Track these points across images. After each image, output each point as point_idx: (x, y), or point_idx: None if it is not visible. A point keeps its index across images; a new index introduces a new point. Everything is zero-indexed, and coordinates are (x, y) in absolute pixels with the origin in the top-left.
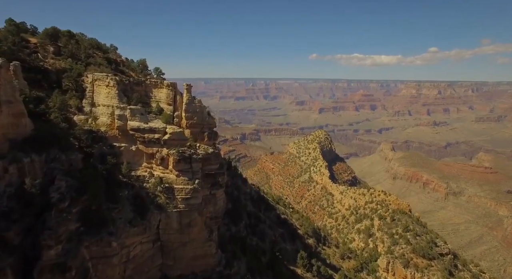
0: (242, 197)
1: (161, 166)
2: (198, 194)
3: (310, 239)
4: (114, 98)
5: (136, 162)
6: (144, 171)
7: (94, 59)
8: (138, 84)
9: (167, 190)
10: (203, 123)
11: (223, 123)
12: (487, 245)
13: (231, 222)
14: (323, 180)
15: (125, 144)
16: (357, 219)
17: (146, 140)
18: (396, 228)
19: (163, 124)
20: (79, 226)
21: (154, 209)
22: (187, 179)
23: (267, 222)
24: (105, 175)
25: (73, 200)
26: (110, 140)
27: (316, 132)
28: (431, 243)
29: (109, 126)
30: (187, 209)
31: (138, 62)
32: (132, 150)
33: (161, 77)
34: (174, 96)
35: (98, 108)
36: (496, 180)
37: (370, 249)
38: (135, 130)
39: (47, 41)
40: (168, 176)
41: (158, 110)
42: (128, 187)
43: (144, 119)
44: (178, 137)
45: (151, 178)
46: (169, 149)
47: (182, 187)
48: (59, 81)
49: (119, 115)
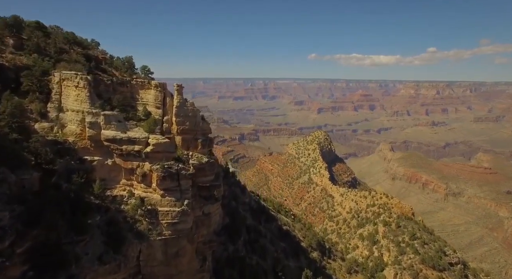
0: (241, 208)
1: (143, 183)
2: (187, 217)
3: (314, 252)
4: (85, 102)
5: (112, 178)
6: (122, 189)
7: (69, 56)
8: (122, 85)
9: (149, 213)
10: (196, 129)
11: (221, 123)
12: (487, 247)
13: (228, 239)
14: (323, 182)
15: (99, 157)
16: (359, 224)
17: (124, 152)
18: (403, 235)
19: (145, 133)
20: (26, 269)
21: (133, 238)
22: (175, 199)
23: (268, 236)
24: (71, 196)
25: (19, 235)
26: (80, 153)
27: (316, 133)
28: (440, 252)
29: (78, 136)
30: (174, 236)
31: (124, 59)
32: (108, 165)
33: (149, 76)
34: (163, 98)
35: (66, 114)
36: (496, 181)
37: (375, 258)
38: (110, 141)
39: (7, 32)
40: (151, 195)
41: (144, 115)
42: (101, 211)
43: (122, 128)
44: (163, 149)
45: (130, 199)
46: (153, 163)
47: (168, 210)
48: (18, 81)
49: (91, 123)
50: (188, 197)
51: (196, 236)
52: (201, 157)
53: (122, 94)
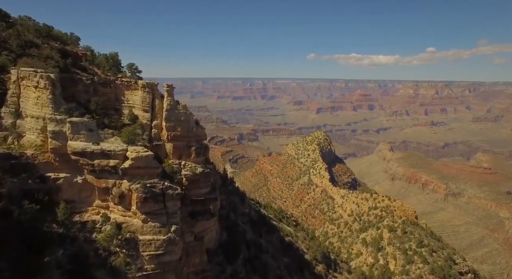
0: (240, 220)
1: (121, 205)
2: (175, 246)
3: (319, 265)
4: (47, 106)
5: (83, 200)
6: (95, 213)
7: (39, 51)
8: (105, 85)
9: (128, 243)
10: (189, 135)
11: (220, 123)
12: (488, 248)
13: (225, 259)
14: (323, 183)
15: (66, 174)
16: (362, 228)
17: (97, 168)
18: (409, 242)
19: (123, 145)
20: None
21: (106, 276)
22: (159, 225)
23: (270, 250)
24: (24, 226)
25: None
26: (42, 169)
27: (315, 133)
28: (450, 260)
29: (39, 148)
30: (159, 270)
31: (108, 56)
32: (77, 183)
33: (137, 75)
34: (152, 100)
35: (25, 120)
36: (496, 181)
37: (381, 266)
38: (79, 154)
39: None
40: (130, 220)
41: (130, 119)
42: (65, 243)
43: (94, 138)
44: (145, 164)
45: (105, 224)
46: (132, 182)
47: (151, 238)
48: None
49: (54, 132)
50: (176, 222)
51: (186, 268)
52: (195, 166)
53: (105, 95)
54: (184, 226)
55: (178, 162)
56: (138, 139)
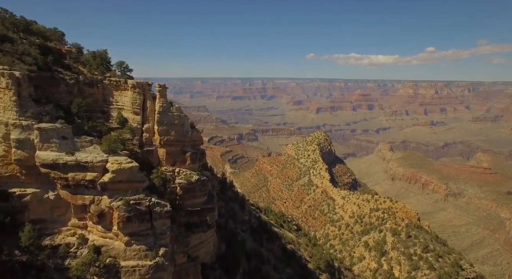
0: (240, 229)
1: (100, 225)
2: (164, 273)
3: (323, 275)
4: (10, 110)
5: (56, 219)
6: (70, 234)
7: (13, 46)
8: (92, 85)
9: (108, 270)
10: (184, 140)
11: (220, 123)
12: (489, 248)
13: (224, 274)
14: (323, 184)
15: (35, 189)
16: (364, 230)
17: (71, 183)
18: (414, 247)
19: (103, 154)
20: None
21: None
22: (145, 248)
23: (272, 261)
24: None
25: None
26: (5, 184)
27: (315, 133)
28: (456, 266)
29: (1, 160)
30: None
31: (96, 54)
32: (49, 199)
33: (127, 74)
34: (143, 101)
35: None
36: (496, 181)
37: (385, 272)
38: (49, 166)
39: None
40: (111, 243)
41: (119, 122)
42: (30, 274)
43: (68, 147)
44: (128, 178)
45: (81, 248)
46: (113, 198)
47: (135, 264)
48: None
49: (19, 141)
50: (165, 243)
51: None
52: (191, 174)
53: (91, 96)
54: (175, 246)
55: (172, 169)
56: (128, 144)
